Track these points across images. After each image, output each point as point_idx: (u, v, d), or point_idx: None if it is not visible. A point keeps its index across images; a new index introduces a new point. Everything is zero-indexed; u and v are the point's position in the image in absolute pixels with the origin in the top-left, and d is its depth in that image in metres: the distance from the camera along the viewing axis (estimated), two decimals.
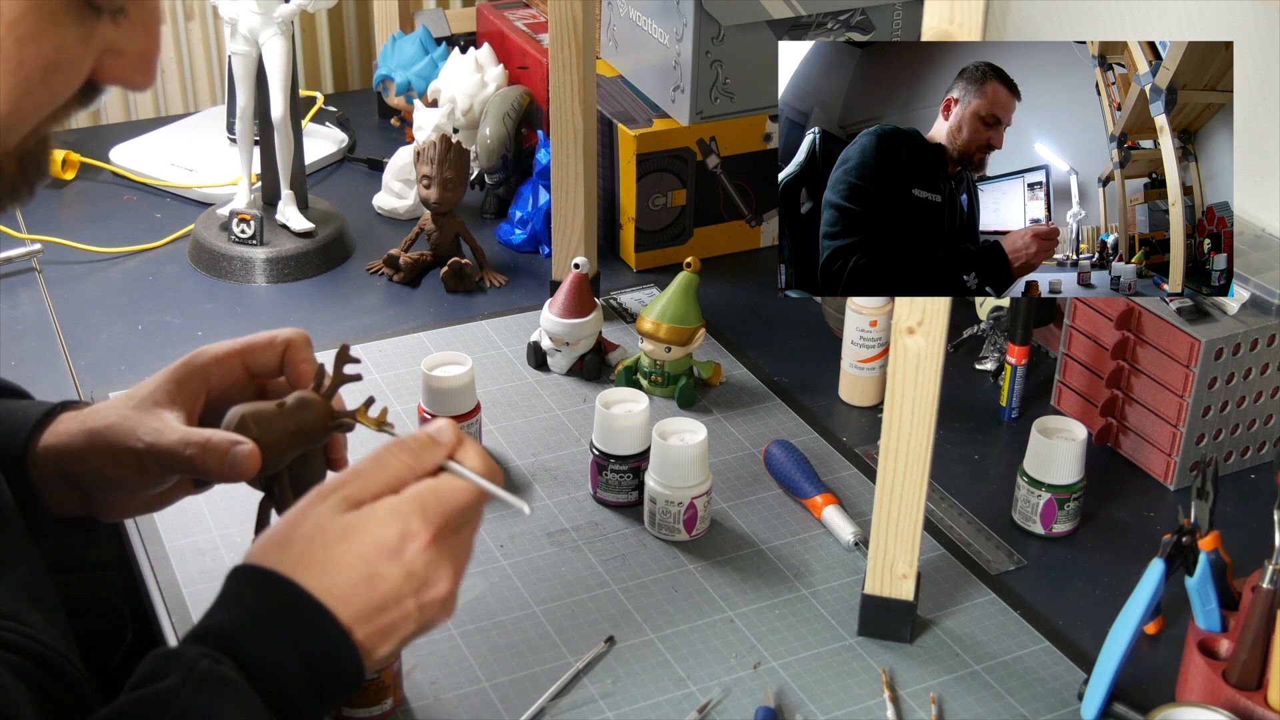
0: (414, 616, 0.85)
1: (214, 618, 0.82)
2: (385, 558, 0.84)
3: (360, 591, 0.83)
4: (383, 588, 0.84)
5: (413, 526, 0.85)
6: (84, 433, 1.00)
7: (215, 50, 2.20)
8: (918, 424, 1.07)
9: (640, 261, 1.73)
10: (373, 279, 1.69)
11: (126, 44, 0.76)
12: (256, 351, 1.03)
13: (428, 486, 0.88)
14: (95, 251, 1.71)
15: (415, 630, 0.86)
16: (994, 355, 1.53)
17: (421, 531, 0.85)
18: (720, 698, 1.10)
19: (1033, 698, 1.11)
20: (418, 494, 0.87)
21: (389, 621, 0.84)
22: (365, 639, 0.83)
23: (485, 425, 1.40)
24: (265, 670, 0.80)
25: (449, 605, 0.87)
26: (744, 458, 1.38)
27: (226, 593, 0.84)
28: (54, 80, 0.74)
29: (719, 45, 1.65)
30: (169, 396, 1.00)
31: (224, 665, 0.79)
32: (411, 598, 0.85)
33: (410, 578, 0.85)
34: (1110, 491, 1.35)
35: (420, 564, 0.85)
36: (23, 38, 0.71)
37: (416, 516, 0.86)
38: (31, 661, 0.84)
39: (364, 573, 0.84)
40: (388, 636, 0.85)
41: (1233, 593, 1.10)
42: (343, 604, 0.83)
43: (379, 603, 0.84)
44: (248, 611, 0.82)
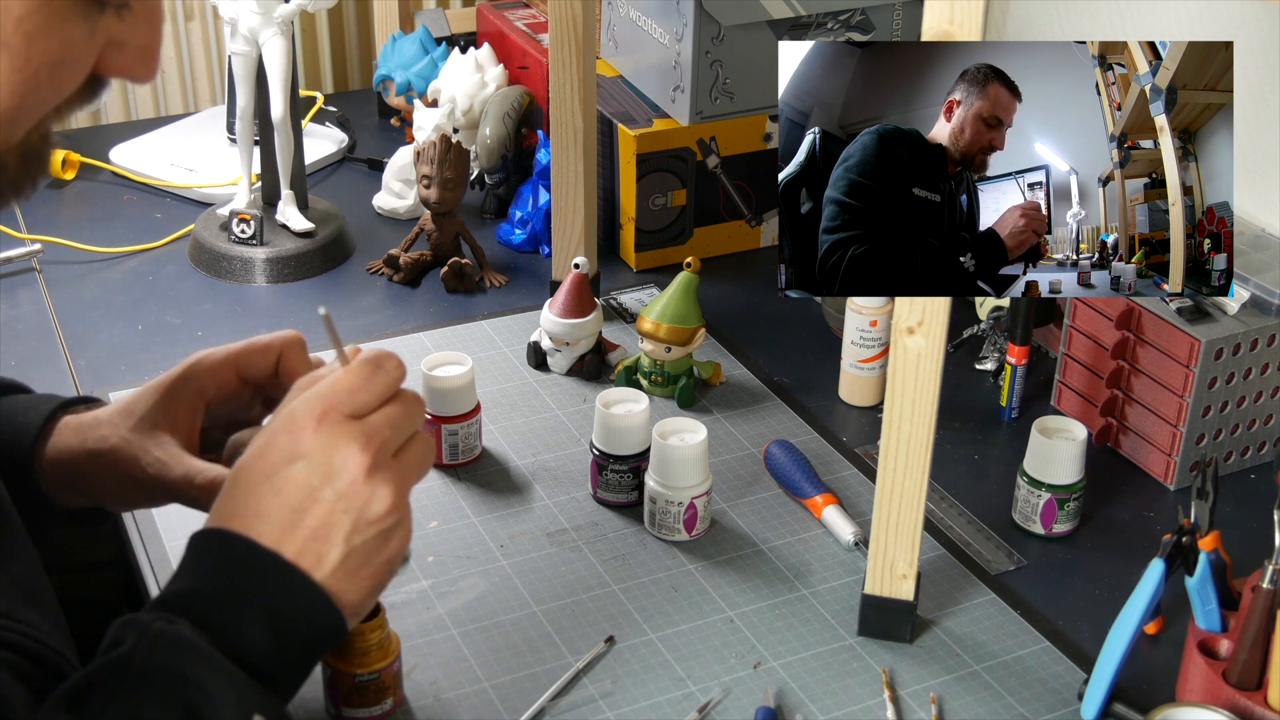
0: (336, 506, 0.82)
1: (171, 585, 0.83)
2: (283, 460, 0.82)
3: (270, 503, 0.81)
4: (289, 488, 0.82)
5: (297, 418, 0.83)
6: (85, 453, 1.00)
7: (215, 50, 2.20)
8: (918, 424, 1.07)
9: (640, 261, 1.73)
10: (373, 279, 1.69)
11: (129, 37, 0.76)
12: (251, 358, 1.03)
13: (309, 380, 0.86)
14: (95, 251, 1.71)
15: (351, 525, 0.82)
16: (994, 355, 1.53)
17: (305, 418, 0.83)
18: (720, 698, 1.10)
19: (1033, 698, 1.11)
20: (300, 392, 0.86)
21: (315, 524, 0.81)
22: (298, 552, 0.81)
23: (485, 425, 1.40)
24: (220, 622, 0.79)
25: (379, 490, 0.83)
26: (744, 458, 1.38)
27: (182, 561, 0.84)
28: (60, 75, 0.74)
29: (719, 45, 1.65)
30: (167, 416, 1.00)
31: (178, 624, 0.78)
32: (325, 485, 0.82)
33: (311, 465, 0.82)
34: (1110, 491, 1.35)
35: (316, 447, 0.82)
36: (30, 33, 0.71)
37: (300, 408, 0.83)
38: (28, 660, 0.85)
39: (268, 484, 0.82)
40: (322, 540, 0.81)
41: (1233, 593, 1.10)
42: (260, 522, 0.81)
43: (293, 505, 0.81)
44: (196, 572, 0.82)
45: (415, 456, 0.86)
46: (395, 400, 0.86)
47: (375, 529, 0.83)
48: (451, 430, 1.34)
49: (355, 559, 0.83)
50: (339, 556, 0.82)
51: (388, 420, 0.85)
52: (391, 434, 0.84)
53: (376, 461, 0.83)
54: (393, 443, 0.85)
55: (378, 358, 0.86)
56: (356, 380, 0.84)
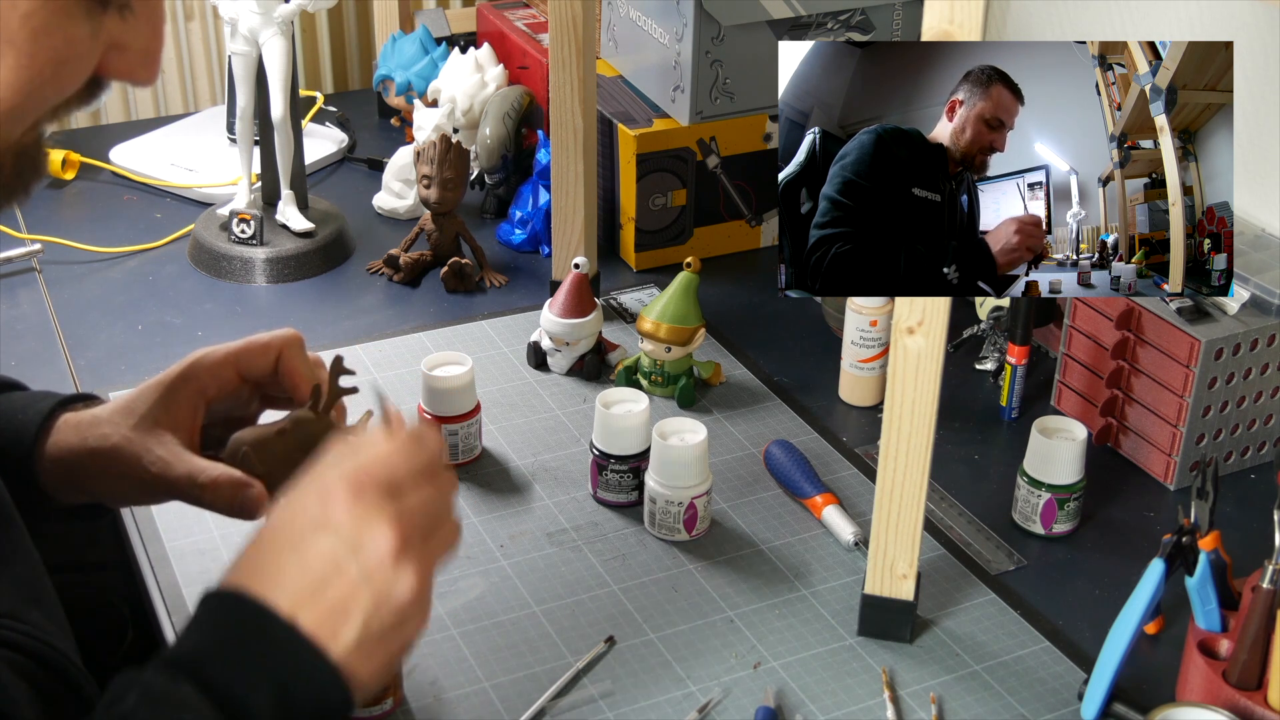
0: (360, 584, 0.78)
1: (180, 643, 0.79)
2: (311, 528, 0.79)
3: (293, 571, 0.78)
4: (314, 558, 0.78)
5: (328, 485, 0.80)
6: (86, 451, 1.00)
7: (215, 50, 2.20)
8: (918, 424, 1.07)
9: (640, 261, 1.73)
10: (373, 279, 1.69)
11: (131, 39, 0.77)
12: (250, 357, 1.03)
13: (342, 444, 0.83)
14: (95, 251, 1.71)
15: (373, 605, 0.78)
16: (994, 355, 1.53)
17: (338, 487, 0.79)
18: (720, 698, 1.10)
19: (1033, 698, 1.11)
20: (332, 455, 0.83)
21: (336, 598, 0.77)
22: (316, 624, 0.77)
23: (485, 425, 1.40)
24: (226, 688, 0.76)
25: (405, 574, 0.79)
26: (744, 458, 1.38)
27: (193, 618, 0.80)
28: (63, 73, 0.74)
29: (719, 45, 1.65)
30: (168, 414, 1.00)
31: (180, 684, 0.75)
32: (350, 560, 0.78)
33: (340, 538, 0.78)
34: (1110, 491, 1.35)
35: (347, 521, 0.78)
36: (36, 30, 0.72)
37: (331, 473, 0.80)
38: (31, 659, 0.85)
39: (293, 551, 0.78)
40: (340, 616, 0.78)
41: (1233, 593, 1.10)
42: (279, 589, 0.77)
43: (316, 576, 0.78)
44: (206, 632, 0.78)
45: (444, 542, 0.84)
46: (431, 482, 0.83)
47: (395, 613, 0.80)
48: (451, 430, 1.34)
49: (371, 640, 0.79)
50: (355, 635, 0.78)
51: (423, 504, 0.82)
52: (424, 519, 0.82)
53: (406, 543, 0.80)
54: (423, 526, 0.81)
55: (420, 433, 0.84)
56: (397, 456, 0.82)
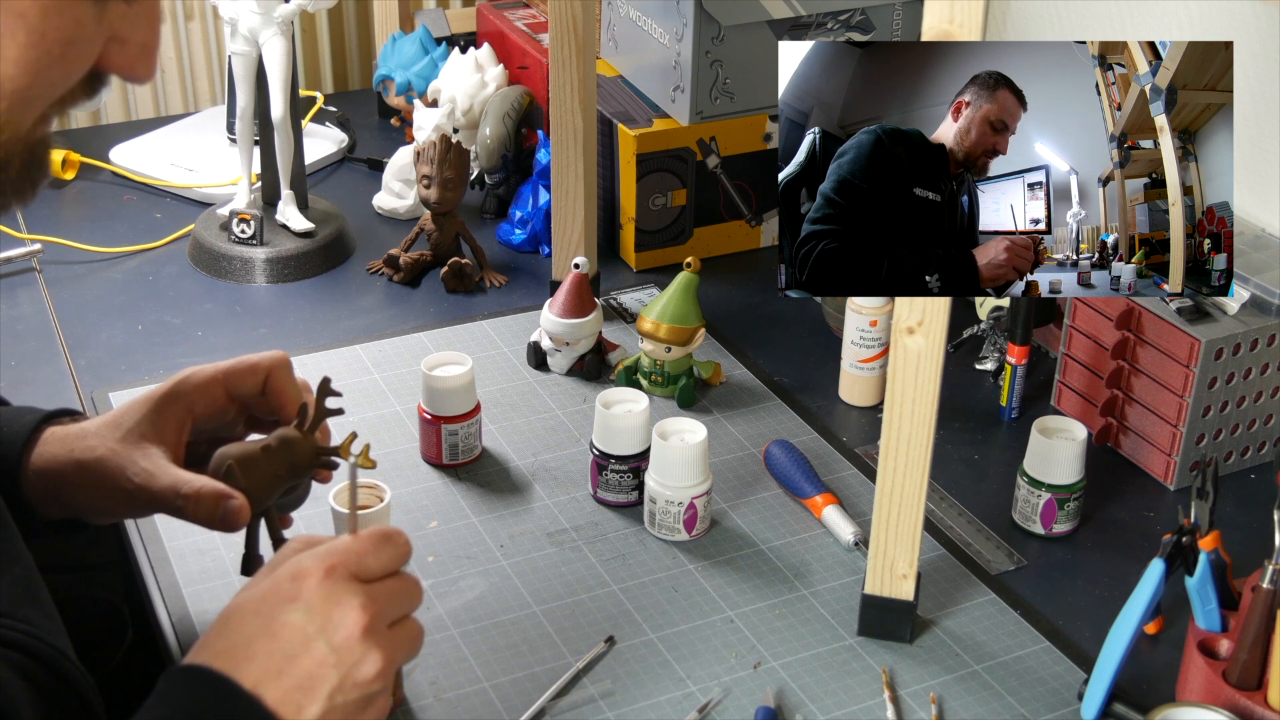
0: (329, 662, 0.80)
1: (148, 714, 0.80)
2: (282, 604, 0.81)
3: (261, 646, 0.80)
4: (283, 633, 0.80)
5: (304, 566, 0.83)
6: (72, 462, 1.01)
7: (215, 50, 2.20)
8: (918, 424, 1.07)
9: (640, 261, 1.73)
10: (373, 279, 1.69)
11: (131, 32, 0.78)
12: (239, 377, 1.04)
13: (305, 541, 0.87)
14: (95, 251, 1.71)
15: (339, 683, 0.81)
16: (994, 355, 1.53)
17: (313, 567, 0.82)
18: (720, 698, 1.10)
19: (1033, 698, 1.11)
20: (307, 543, 0.86)
21: (303, 673, 0.80)
22: (280, 700, 0.79)
23: (485, 425, 1.40)
24: None
25: (372, 654, 0.82)
26: (744, 458, 1.38)
27: (156, 692, 0.81)
28: (70, 55, 0.76)
29: (719, 45, 1.65)
30: (155, 429, 1.01)
31: None
32: (320, 639, 0.80)
33: (310, 614, 0.81)
34: (1110, 491, 1.35)
35: (318, 598, 0.81)
36: (47, 8, 0.73)
37: (307, 557, 0.84)
38: (31, 659, 0.85)
39: (262, 625, 0.81)
40: (306, 692, 0.79)
41: (1233, 593, 1.10)
42: (247, 664, 0.79)
43: (284, 651, 0.80)
44: (170, 706, 0.80)
45: (408, 635, 0.86)
46: (399, 576, 0.86)
47: (359, 692, 0.82)
48: (451, 430, 1.34)
49: (334, 718, 0.81)
50: (319, 712, 0.80)
51: (390, 591, 0.85)
52: (392, 604, 0.85)
53: (374, 625, 0.83)
54: (391, 613, 0.84)
55: (389, 532, 0.87)
56: (366, 547, 0.85)
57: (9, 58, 0.73)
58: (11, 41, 0.73)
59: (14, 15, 0.72)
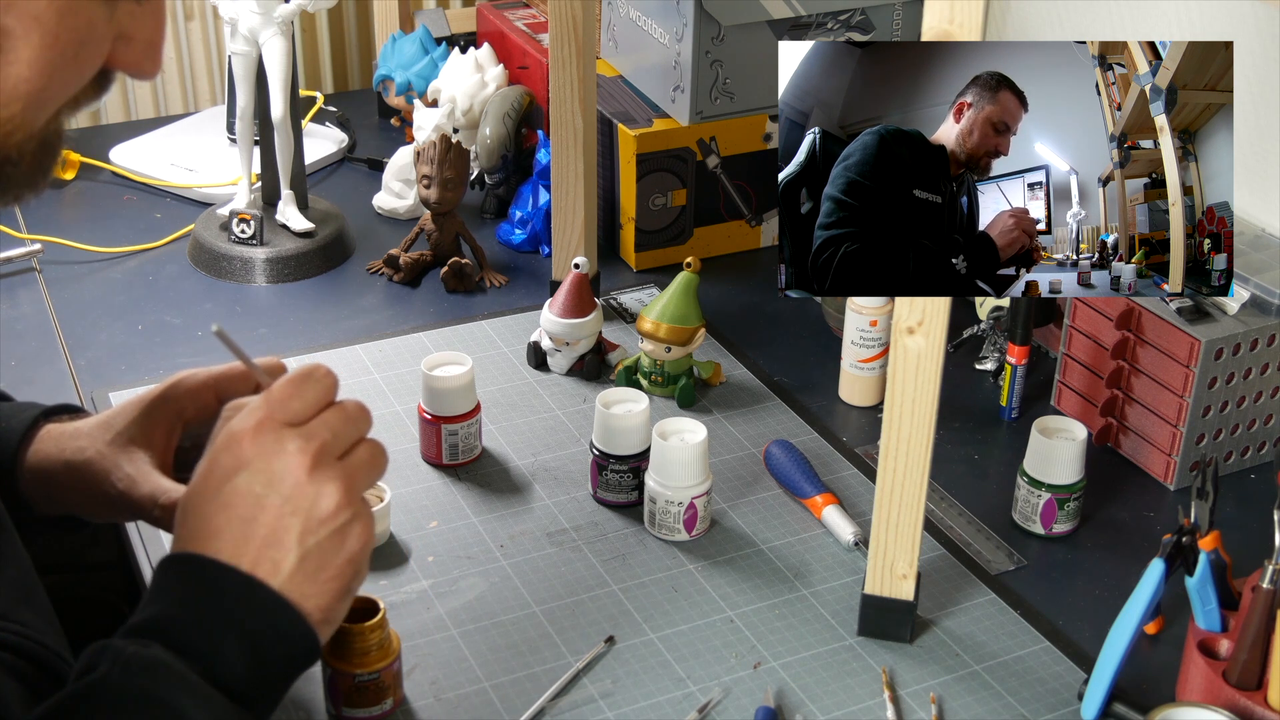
0: (285, 511, 0.81)
1: (141, 613, 0.82)
2: (226, 475, 0.82)
3: (220, 520, 0.81)
4: (235, 500, 0.81)
5: (234, 432, 0.83)
6: (62, 463, 1.01)
7: (215, 50, 2.20)
8: (918, 424, 1.07)
9: (640, 261, 1.73)
10: (373, 279, 1.69)
11: (138, 30, 0.79)
12: (231, 383, 1.04)
13: (236, 406, 0.87)
14: (95, 251, 1.71)
15: (302, 527, 0.82)
16: (994, 355, 1.53)
17: (243, 430, 0.83)
18: (720, 698, 1.10)
19: (1033, 698, 1.11)
20: (235, 409, 0.86)
21: (266, 531, 0.81)
22: (254, 561, 0.80)
23: (485, 425, 1.40)
24: (196, 647, 0.79)
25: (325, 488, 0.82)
26: (744, 458, 1.38)
27: (150, 586, 0.83)
28: (83, 56, 0.76)
29: (719, 45, 1.65)
30: (144, 433, 1.01)
31: (152, 648, 0.78)
32: (270, 493, 0.81)
33: (254, 475, 0.82)
34: (1110, 491, 1.35)
35: (256, 456, 0.82)
36: (61, 10, 0.74)
37: (236, 423, 0.84)
38: (24, 659, 0.85)
39: (217, 500, 0.82)
40: (274, 546, 0.81)
41: (1233, 593, 1.10)
42: (215, 540, 0.81)
43: (242, 515, 0.81)
44: (165, 596, 0.82)
45: (362, 457, 0.86)
46: (334, 407, 0.85)
47: (327, 528, 0.82)
48: (451, 430, 1.34)
49: (312, 561, 0.82)
50: (295, 560, 0.81)
51: (325, 424, 0.84)
52: (331, 437, 0.84)
53: (317, 461, 0.83)
54: (334, 445, 0.84)
55: (307, 369, 0.86)
56: (288, 390, 0.84)
57: (24, 60, 0.73)
58: (26, 44, 0.73)
59: (29, 18, 0.73)
